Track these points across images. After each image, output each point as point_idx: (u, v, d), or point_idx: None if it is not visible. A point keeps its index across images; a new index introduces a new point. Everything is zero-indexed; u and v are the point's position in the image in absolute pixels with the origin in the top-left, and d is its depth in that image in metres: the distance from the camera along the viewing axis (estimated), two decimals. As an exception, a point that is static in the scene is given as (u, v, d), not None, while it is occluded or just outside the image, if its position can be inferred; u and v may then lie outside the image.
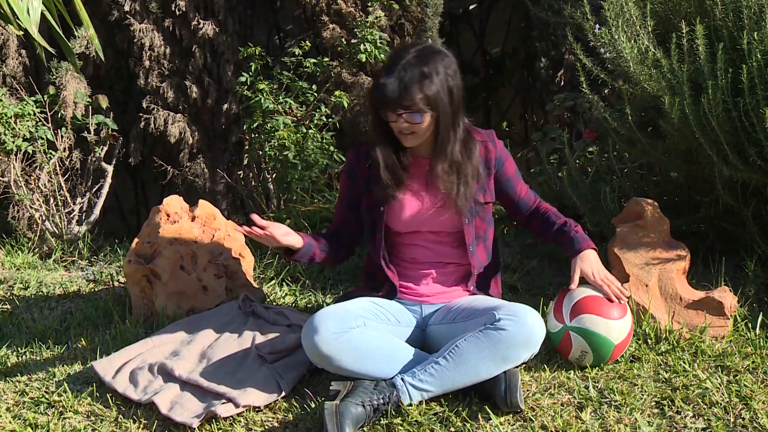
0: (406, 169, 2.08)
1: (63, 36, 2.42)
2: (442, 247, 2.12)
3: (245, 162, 4.21)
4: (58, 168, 3.74)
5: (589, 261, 2.05)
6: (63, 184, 3.77)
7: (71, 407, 1.98)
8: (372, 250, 2.16)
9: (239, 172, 4.37)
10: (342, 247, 2.22)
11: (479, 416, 1.81)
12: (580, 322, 1.97)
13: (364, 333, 1.91)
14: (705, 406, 1.80)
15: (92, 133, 3.80)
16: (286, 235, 2.02)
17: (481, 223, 2.13)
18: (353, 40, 3.71)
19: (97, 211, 3.85)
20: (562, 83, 4.41)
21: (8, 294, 2.97)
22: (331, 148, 3.55)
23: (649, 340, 2.13)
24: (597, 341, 1.97)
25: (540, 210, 2.20)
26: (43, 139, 3.64)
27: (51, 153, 3.69)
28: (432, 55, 1.97)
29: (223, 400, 1.91)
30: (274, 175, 3.75)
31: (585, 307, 1.98)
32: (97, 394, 2.04)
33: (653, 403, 1.83)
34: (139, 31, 4.15)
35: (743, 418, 1.75)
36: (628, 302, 2.07)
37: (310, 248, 2.10)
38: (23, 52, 4.08)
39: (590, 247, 2.07)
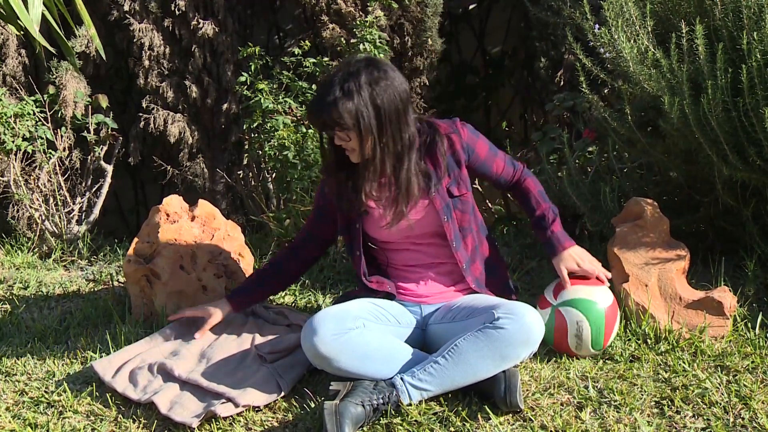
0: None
1: (63, 36, 2.41)
2: (431, 248, 2.12)
3: (245, 162, 4.21)
4: (57, 168, 3.74)
5: (570, 259, 2.09)
6: (63, 184, 3.76)
7: (71, 407, 1.98)
8: (354, 265, 2.17)
9: (239, 172, 4.36)
10: (304, 258, 2.29)
11: (479, 416, 1.81)
12: (564, 296, 2.06)
13: (363, 334, 1.91)
14: (704, 406, 1.80)
15: (92, 132, 3.80)
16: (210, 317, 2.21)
17: (462, 214, 2.11)
18: (353, 40, 3.71)
19: (96, 211, 3.85)
20: (562, 83, 4.41)
21: (8, 294, 2.97)
22: (331, 147, 3.55)
23: (648, 340, 2.13)
24: (585, 306, 2.03)
25: (521, 186, 2.20)
26: (42, 138, 3.64)
27: (51, 153, 3.69)
28: (358, 72, 1.93)
29: (223, 400, 1.91)
30: (273, 175, 3.75)
31: (563, 285, 2.08)
32: (97, 394, 2.03)
33: (653, 403, 1.83)
34: (139, 30, 4.15)
35: (743, 418, 1.75)
36: (618, 303, 2.14)
37: (244, 304, 2.27)
38: (23, 51, 4.07)
39: (568, 247, 2.10)
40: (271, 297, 2.57)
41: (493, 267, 2.20)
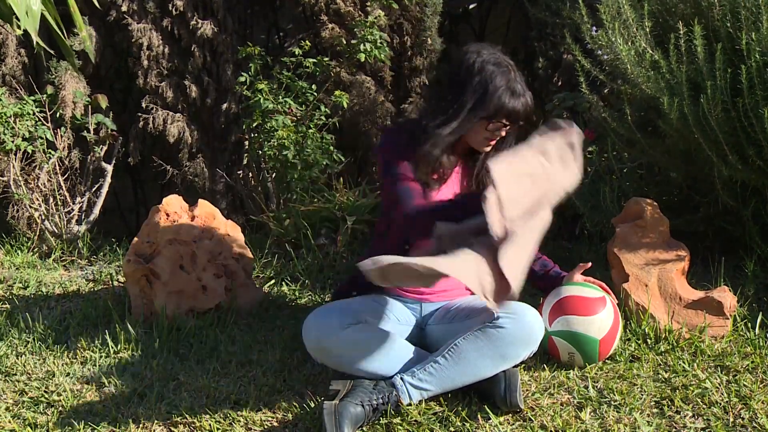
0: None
1: (62, 36, 2.41)
2: None
3: (245, 162, 4.21)
4: (57, 167, 3.74)
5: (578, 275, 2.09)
6: (62, 184, 3.77)
7: (71, 407, 1.98)
8: (395, 227, 2.07)
9: (239, 172, 4.36)
10: None
11: (479, 416, 1.81)
12: (560, 326, 2.01)
13: (364, 329, 1.92)
14: (704, 406, 1.80)
15: (91, 132, 3.80)
16: None
17: None
18: (352, 40, 3.71)
19: (96, 211, 3.85)
20: (561, 83, 4.42)
21: (8, 293, 2.97)
22: (331, 147, 3.55)
23: (648, 340, 2.14)
24: (580, 340, 1.99)
25: None
26: (42, 138, 3.64)
27: (50, 152, 3.69)
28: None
29: None
30: (273, 175, 3.75)
31: (561, 309, 2.02)
32: (97, 394, 2.04)
33: (653, 403, 1.84)
34: (137, 30, 4.15)
35: (742, 418, 1.75)
36: (618, 303, 2.10)
37: None
38: (22, 51, 4.08)
39: None
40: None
41: None
